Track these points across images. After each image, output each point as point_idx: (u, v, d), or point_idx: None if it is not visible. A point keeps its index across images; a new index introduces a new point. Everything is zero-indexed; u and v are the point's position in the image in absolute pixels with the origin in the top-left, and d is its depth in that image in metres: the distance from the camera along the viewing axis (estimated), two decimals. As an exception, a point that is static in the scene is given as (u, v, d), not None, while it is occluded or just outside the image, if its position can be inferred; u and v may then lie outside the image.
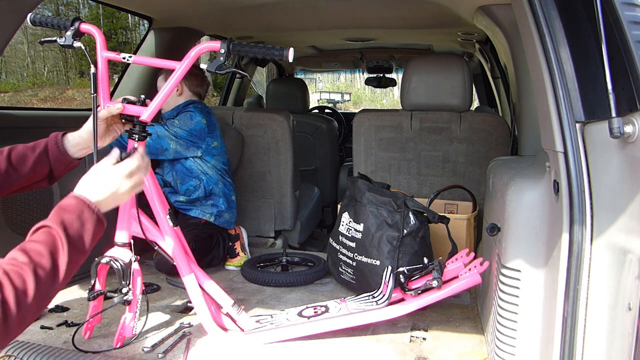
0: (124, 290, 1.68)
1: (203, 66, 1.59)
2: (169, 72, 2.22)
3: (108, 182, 1.27)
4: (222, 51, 1.54)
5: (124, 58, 1.64)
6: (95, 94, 1.55)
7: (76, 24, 1.64)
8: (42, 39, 1.67)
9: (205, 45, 1.61)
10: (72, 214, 1.13)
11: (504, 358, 1.44)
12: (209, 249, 2.64)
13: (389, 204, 2.10)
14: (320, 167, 4.06)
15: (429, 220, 2.10)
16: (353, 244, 2.17)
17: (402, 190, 2.73)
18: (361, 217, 2.16)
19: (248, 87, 5.02)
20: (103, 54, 1.63)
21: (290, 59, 1.52)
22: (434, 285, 1.82)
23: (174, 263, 1.81)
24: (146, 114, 1.59)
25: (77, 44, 1.64)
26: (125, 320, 1.74)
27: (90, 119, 1.52)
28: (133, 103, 1.59)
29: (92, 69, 1.57)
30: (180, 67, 1.61)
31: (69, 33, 1.64)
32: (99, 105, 1.55)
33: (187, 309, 2.11)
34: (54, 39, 1.64)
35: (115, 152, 1.35)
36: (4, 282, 0.95)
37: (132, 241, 1.75)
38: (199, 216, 2.57)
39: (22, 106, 10.79)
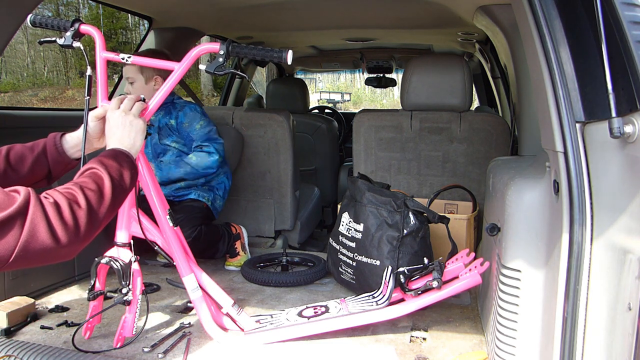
0: (124, 290, 1.68)
1: (202, 67, 1.59)
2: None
3: (119, 127, 1.44)
4: (222, 52, 1.54)
5: (122, 58, 1.64)
6: (88, 97, 1.54)
7: (76, 25, 1.64)
8: (41, 39, 1.67)
9: (205, 46, 1.61)
10: (108, 157, 1.32)
11: (504, 358, 1.44)
12: (217, 238, 2.63)
13: (389, 204, 2.10)
14: (320, 167, 4.05)
15: (429, 220, 2.10)
16: (353, 244, 2.17)
17: (402, 190, 2.73)
18: (361, 217, 2.16)
19: (248, 87, 5.02)
20: (102, 55, 1.63)
21: (289, 62, 1.52)
22: (434, 286, 1.82)
23: (174, 263, 1.80)
24: (147, 111, 1.59)
25: (76, 44, 1.64)
26: (125, 320, 1.74)
27: (89, 120, 1.52)
28: None
29: (88, 71, 1.56)
30: (180, 68, 1.61)
31: (68, 34, 1.64)
32: (95, 107, 1.55)
33: (187, 309, 2.11)
34: (53, 39, 1.64)
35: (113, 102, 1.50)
36: (58, 198, 1.09)
37: (132, 241, 1.75)
38: (200, 199, 2.61)
39: (22, 106, 10.79)
